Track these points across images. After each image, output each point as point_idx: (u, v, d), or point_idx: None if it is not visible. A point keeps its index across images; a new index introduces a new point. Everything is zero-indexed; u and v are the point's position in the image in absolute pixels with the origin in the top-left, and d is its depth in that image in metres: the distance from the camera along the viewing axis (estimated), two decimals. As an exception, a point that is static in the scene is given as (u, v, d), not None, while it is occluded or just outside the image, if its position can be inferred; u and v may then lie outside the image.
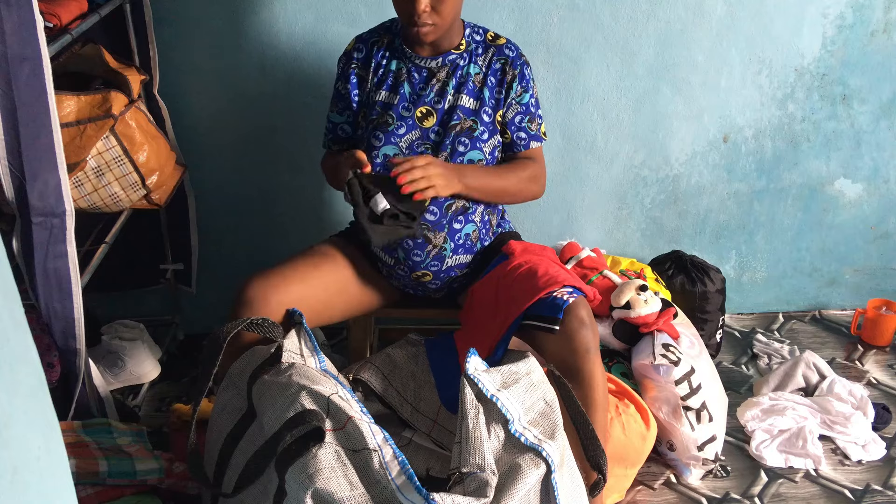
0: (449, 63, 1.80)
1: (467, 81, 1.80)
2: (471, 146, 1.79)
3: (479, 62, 1.82)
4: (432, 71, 1.80)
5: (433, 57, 1.80)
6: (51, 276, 1.61)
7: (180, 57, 2.18)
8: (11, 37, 1.43)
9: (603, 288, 2.13)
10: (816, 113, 2.45)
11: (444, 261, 1.80)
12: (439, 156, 1.78)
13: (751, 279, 2.68)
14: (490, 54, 1.83)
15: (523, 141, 1.86)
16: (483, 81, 1.81)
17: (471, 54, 1.81)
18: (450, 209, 1.78)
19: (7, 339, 0.76)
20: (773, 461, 2.04)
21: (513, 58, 1.83)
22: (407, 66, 1.81)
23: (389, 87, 1.81)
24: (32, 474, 0.79)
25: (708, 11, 2.28)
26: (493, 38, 1.85)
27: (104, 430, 1.73)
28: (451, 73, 1.80)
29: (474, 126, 1.79)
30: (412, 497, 1.23)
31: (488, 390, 1.39)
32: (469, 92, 1.80)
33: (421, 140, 1.78)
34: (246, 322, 1.53)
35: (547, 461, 1.35)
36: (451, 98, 1.79)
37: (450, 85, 1.79)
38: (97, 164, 1.83)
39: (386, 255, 1.82)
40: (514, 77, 1.82)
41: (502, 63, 1.82)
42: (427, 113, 1.79)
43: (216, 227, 2.38)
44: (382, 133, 1.77)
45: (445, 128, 1.79)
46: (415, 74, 1.80)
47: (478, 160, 1.80)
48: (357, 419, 1.32)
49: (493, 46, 1.83)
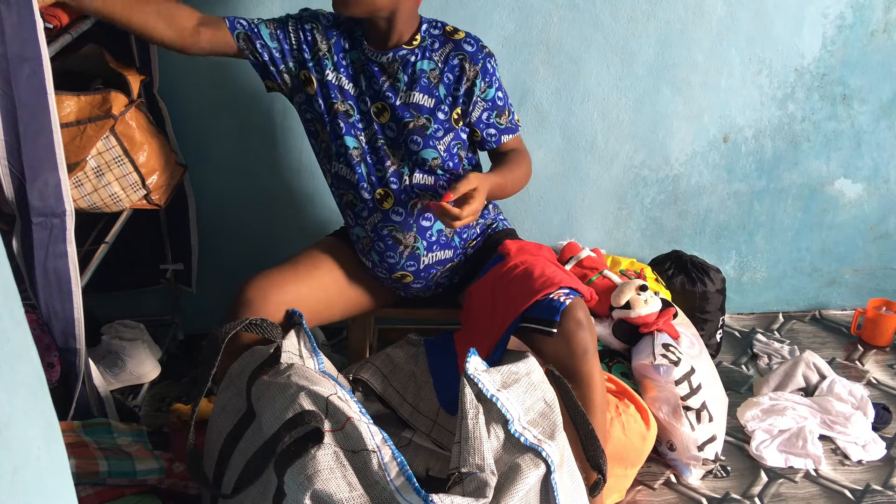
0: (399, 59, 1.74)
1: (420, 78, 1.74)
2: (423, 144, 1.74)
3: (435, 57, 1.75)
4: (383, 66, 1.75)
5: (384, 52, 1.73)
6: (51, 276, 1.61)
7: (180, 57, 2.17)
8: (11, 37, 1.43)
9: (603, 288, 2.13)
10: (816, 113, 2.45)
11: (419, 260, 1.79)
12: (395, 153, 1.75)
13: (751, 279, 2.68)
14: (447, 49, 1.75)
15: (493, 137, 1.81)
16: (439, 77, 1.75)
17: (424, 50, 1.75)
18: (414, 207, 1.76)
19: (7, 339, 0.76)
20: (773, 461, 2.04)
21: (472, 52, 1.74)
22: (361, 58, 1.76)
23: (350, 77, 1.76)
24: (32, 474, 0.79)
25: (708, 11, 2.28)
26: (451, 31, 1.77)
27: (104, 430, 1.73)
28: (402, 68, 1.74)
29: (427, 124, 1.74)
30: (411, 498, 1.23)
31: (488, 390, 1.39)
32: (422, 89, 1.74)
33: (376, 136, 1.75)
34: (245, 322, 1.54)
35: (547, 461, 1.35)
36: (403, 95, 1.74)
37: (401, 81, 1.74)
38: (97, 164, 1.83)
39: (364, 259, 1.82)
40: (477, 73, 1.74)
41: (461, 59, 1.74)
42: (382, 108, 1.75)
43: (216, 227, 2.38)
44: (344, 122, 1.74)
45: (399, 125, 1.75)
46: (372, 68, 1.75)
47: (432, 158, 1.75)
48: (356, 420, 1.32)
49: (451, 41, 1.76)
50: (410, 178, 1.76)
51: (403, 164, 1.76)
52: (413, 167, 1.76)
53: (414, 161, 1.75)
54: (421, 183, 1.77)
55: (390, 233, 1.76)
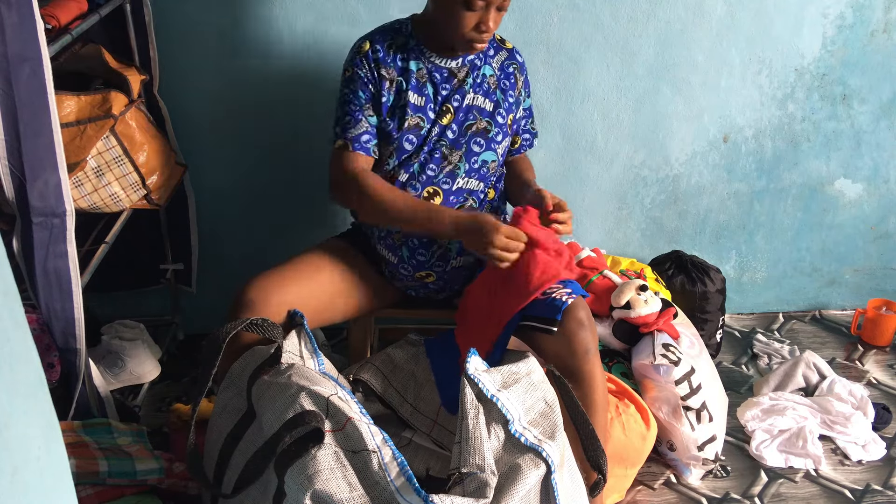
0: (468, 63, 1.81)
1: (483, 82, 1.82)
2: (486, 147, 1.80)
3: (493, 63, 1.84)
4: (452, 71, 1.80)
5: (453, 57, 1.80)
6: (51, 275, 1.61)
7: (180, 57, 2.18)
8: (11, 37, 1.43)
9: (603, 288, 2.13)
10: (816, 113, 2.45)
11: (448, 262, 1.80)
12: (454, 154, 1.78)
13: (751, 279, 2.68)
14: (501, 57, 1.86)
15: (528, 141, 1.97)
16: (497, 83, 1.84)
17: (485, 56, 1.83)
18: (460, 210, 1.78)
19: (7, 339, 0.76)
20: (773, 461, 2.04)
21: (521, 63, 1.90)
22: (427, 66, 1.79)
23: (416, 89, 1.78)
24: (32, 474, 0.79)
25: (708, 11, 2.28)
26: (500, 40, 1.90)
27: (104, 430, 1.73)
28: (470, 72, 1.81)
29: (489, 127, 1.81)
30: (411, 498, 1.23)
31: (488, 390, 1.39)
32: (484, 93, 1.82)
33: (436, 137, 1.78)
34: (246, 322, 1.53)
35: (547, 461, 1.35)
36: (470, 98, 1.80)
37: (468, 84, 1.80)
38: (97, 164, 1.83)
39: (390, 254, 1.82)
40: (523, 83, 1.90)
41: (514, 69, 1.87)
42: (445, 111, 1.79)
43: (216, 227, 2.38)
44: (414, 136, 1.77)
45: (461, 127, 1.80)
46: (436, 75, 1.79)
47: (491, 161, 1.82)
48: (356, 420, 1.32)
49: (504, 49, 1.88)
50: (465, 180, 1.80)
51: (459, 166, 1.78)
52: (469, 169, 1.80)
53: (472, 163, 1.80)
54: (468, 187, 1.81)
55: None
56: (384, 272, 1.87)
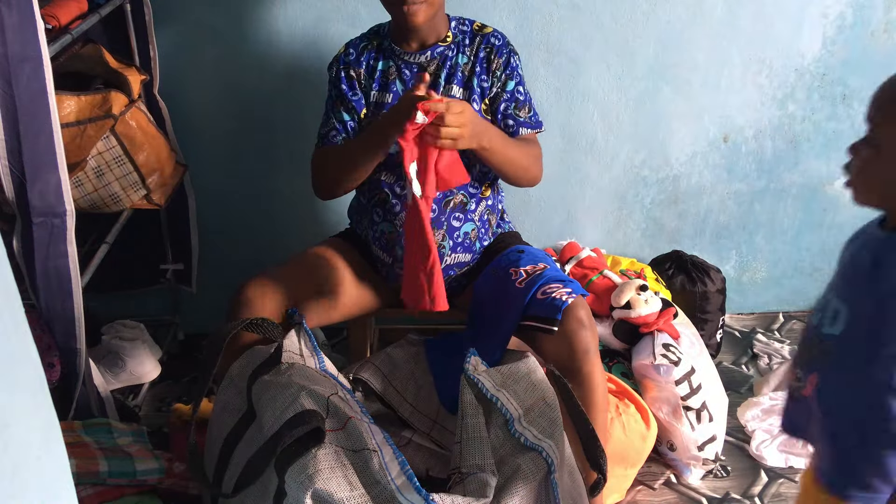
0: (438, 55, 1.79)
1: (456, 72, 1.79)
2: None
3: (467, 52, 1.81)
4: (422, 65, 1.79)
5: (421, 51, 1.78)
6: (51, 275, 1.61)
7: (180, 57, 2.18)
8: (12, 37, 1.43)
9: (603, 288, 2.13)
10: (816, 113, 2.45)
11: (442, 259, 1.80)
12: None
13: (751, 279, 2.68)
14: (477, 43, 1.81)
15: (511, 128, 1.80)
16: (472, 70, 1.79)
17: (458, 45, 1.80)
18: (448, 205, 1.77)
19: (7, 339, 0.76)
20: (773, 461, 2.04)
21: (499, 46, 1.80)
22: (397, 63, 1.79)
23: (379, 86, 1.79)
24: (32, 474, 0.79)
25: (708, 11, 2.28)
26: (479, 27, 1.84)
27: (104, 430, 1.73)
28: (441, 65, 1.79)
29: None
30: (412, 497, 1.23)
31: (488, 390, 1.39)
32: (458, 82, 1.79)
33: None
34: (245, 322, 1.54)
35: (547, 461, 1.35)
36: (443, 90, 1.77)
37: (441, 77, 1.78)
38: (97, 164, 1.83)
39: (384, 254, 1.82)
40: (499, 65, 1.79)
41: (487, 51, 1.80)
42: None
43: (216, 227, 2.38)
44: None
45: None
46: (405, 71, 1.79)
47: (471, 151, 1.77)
48: (357, 419, 1.32)
49: (480, 35, 1.82)
50: None
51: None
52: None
53: None
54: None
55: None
56: (381, 272, 1.87)
